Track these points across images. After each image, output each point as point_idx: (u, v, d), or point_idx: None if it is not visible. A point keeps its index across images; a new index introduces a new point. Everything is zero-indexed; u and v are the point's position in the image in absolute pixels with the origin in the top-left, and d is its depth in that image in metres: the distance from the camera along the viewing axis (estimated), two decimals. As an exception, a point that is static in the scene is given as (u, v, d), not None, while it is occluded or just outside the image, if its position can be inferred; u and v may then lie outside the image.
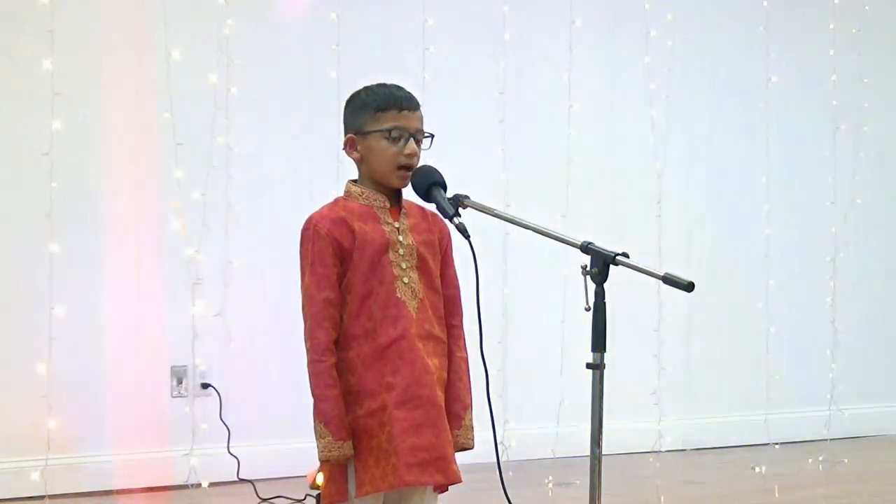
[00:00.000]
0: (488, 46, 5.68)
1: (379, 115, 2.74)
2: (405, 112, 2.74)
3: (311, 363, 2.69)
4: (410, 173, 2.73)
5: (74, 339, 4.89)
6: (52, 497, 4.77)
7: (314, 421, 2.68)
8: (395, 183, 2.75)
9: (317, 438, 2.67)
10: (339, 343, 2.72)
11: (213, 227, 5.09)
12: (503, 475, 2.79)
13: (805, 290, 6.47)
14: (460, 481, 2.74)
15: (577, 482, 5.23)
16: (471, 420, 2.81)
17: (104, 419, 4.99)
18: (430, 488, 2.79)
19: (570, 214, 5.55)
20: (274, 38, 5.38)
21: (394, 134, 2.73)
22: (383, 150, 2.73)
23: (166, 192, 5.01)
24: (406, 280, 2.75)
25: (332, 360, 2.69)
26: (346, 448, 2.67)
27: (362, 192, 2.78)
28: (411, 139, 2.74)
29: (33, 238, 4.82)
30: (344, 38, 5.29)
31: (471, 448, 2.81)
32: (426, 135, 2.78)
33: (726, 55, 6.38)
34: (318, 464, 2.80)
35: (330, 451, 2.66)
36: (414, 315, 2.73)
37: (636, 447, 5.87)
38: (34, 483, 4.75)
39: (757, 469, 5.70)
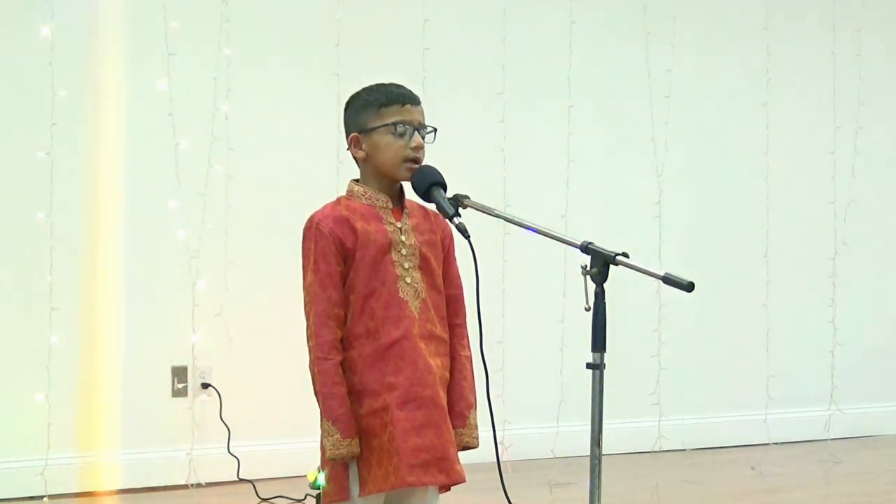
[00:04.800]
0: (488, 46, 5.68)
1: (382, 110, 2.75)
2: (408, 106, 2.76)
3: (317, 361, 2.69)
4: (417, 166, 2.74)
5: (74, 338, 4.89)
6: (52, 497, 4.77)
7: (322, 419, 2.68)
8: (402, 175, 2.76)
9: (324, 437, 2.67)
10: (342, 342, 2.72)
11: (213, 227, 5.09)
12: (503, 475, 2.79)
13: (805, 290, 6.47)
14: (464, 481, 2.75)
15: (577, 482, 5.23)
16: (475, 419, 2.82)
17: (104, 419, 5.00)
18: (431, 488, 2.79)
19: (570, 214, 5.55)
20: (274, 37, 5.38)
21: (399, 129, 2.74)
22: (389, 145, 2.74)
23: (166, 192, 5.01)
24: (408, 280, 2.75)
25: (339, 357, 2.70)
26: (354, 446, 2.68)
27: (365, 192, 2.79)
28: (416, 133, 2.75)
29: (33, 238, 4.82)
30: (344, 38, 5.29)
31: (475, 447, 2.81)
32: (429, 129, 2.79)
33: (726, 55, 6.37)
34: (318, 463, 2.80)
35: (338, 449, 2.66)
36: (416, 315, 2.74)
37: (636, 447, 5.87)
38: (34, 483, 4.75)
39: (757, 469, 5.70)
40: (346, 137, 2.82)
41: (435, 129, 2.80)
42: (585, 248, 2.50)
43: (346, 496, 2.71)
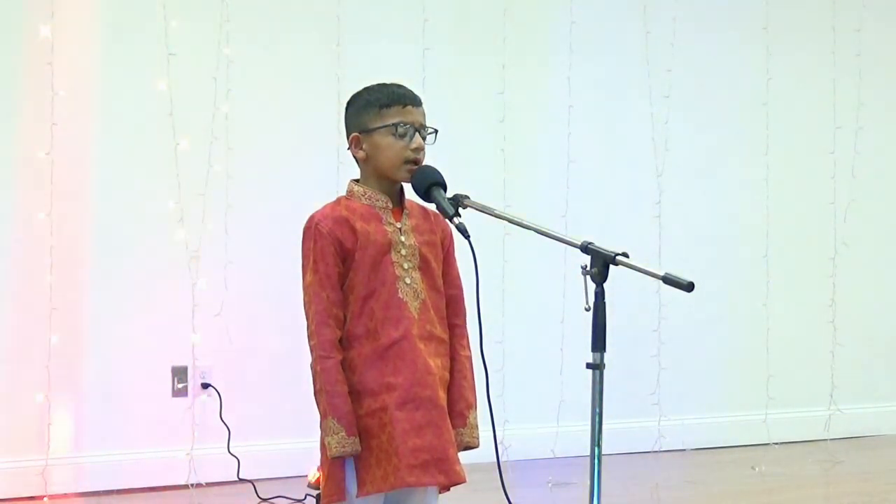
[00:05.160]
0: (488, 46, 5.68)
1: (383, 111, 2.75)
2: (409, 107, 2.76)
3: (319, 360, 2.69)
4: (416, 168, 2.74)
5: (75, 338, 4.89)
6: (52, 497, 4.77)
7: (325, 418, 2.67)
8: (401, 177, 2.76)
9: (328, 435, 2.66)
10: (341, 342, 2.72)
11: (213, 227, 5.09)
12: (503, 475, 2.79)
13: (805, 290, 6.47)
14: (464, 481, 2.75)
15: (577, 482, 5.24)
16: (475, 419, 2.82)
17: (104, 419, 5.00)
18: (431, 489, 2.79)
19: (570, 214, 5.55)
20: (274, 38, 5.38)
21: (400, 130, 2.74)
22: (390, 146, 2.74)
23: (166, 192, 5.01)
24: (408, 281, 2.75)
25: (340, 356, 2.70)
26: (357, 444, 2.68)
27: (365, 192, 2.79)
28: (417, 134, 2.75)
29: (33, 238, 4.82)
30: (344, 38, 5.29)
31: (476, 447, 2.81)
32: (430, 131, 2.79)
33: (726, 55, 6.37)
34: (318, 462, 2.80)
35: (344, 446, 2.66)
36: (416, 316, 2.74)
37: (636, 447, 5.87)
38: (34, 483, 4.75)
39: (757, 469, 5.70)
40: (347, 137, 2.82)
41: (436, 131, 2.80)
42: (585, 248, 2.50)
43: (344, 496, 2.71)
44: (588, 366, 2.49)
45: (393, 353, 2.70)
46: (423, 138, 2.77)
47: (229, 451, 5.14)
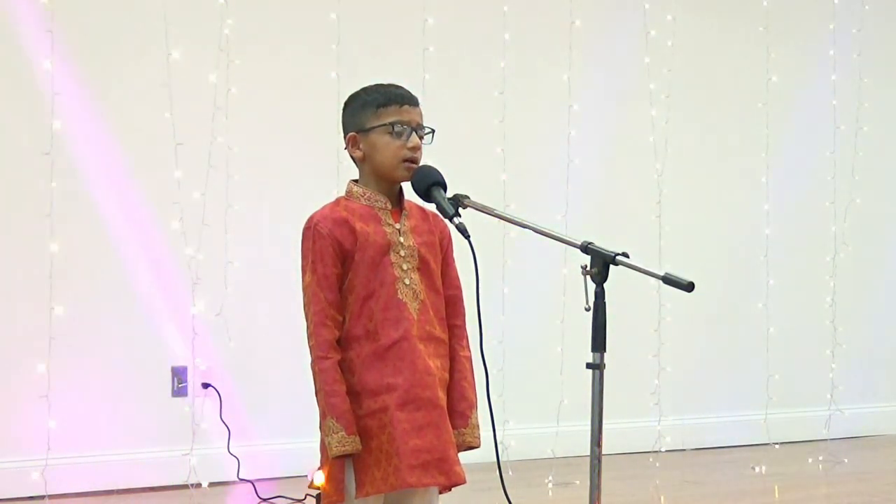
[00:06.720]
0: (488, 46, 5.68)
1: (381, 111, 2.75)
2: (406, 107, 2.76)
3: (317, 360, 2.69)
4: (415, 166, 2.74)
5: (74, 339, 4.89)
6: (52, 497, 4.77)
7: (324, 418, 2.67)
8: (400, 175, 2.76)
9: (328, 434, 2.66)
10: (340, 343, 2.72)
11: (213, 227, 5.09)
12: (503, 475, 2.79)
13: (805, 290, 6.47)
14: (464, 482, 2.75)
15: (577, 482, 5.24)
16: (477, 419, 2.82)
17: (104, 419, 5.00)
18: (432, 489, 2.79)
19: (570, 214, 5.54)
20: (274, 38, 5.38)
21: (397, 129, 2.74)
22: (387, 145, 2.74)
23: (166, 192, 5.00)
24: (407, 281, 2.75)
25: (338, 356, 2.70)
26: (358, 443, 2.68)
27: (364, 193, 2.79)
28: (413, 133, 2.75)
29: (33, 238, 4.82)
30: (344, 38, 5.29)
31: (477, 446, 2.81)
32: (427, 131, 2.79)
33: (726, 55, 6.37)
34: (318, 463, 2.80)
35: (344, 445, 2.66)
36: (415, 316, 2.74)
37: (636, 447, 5.87)
38: (34, 483, 4.75)
39: (757, 469, 5.70)
40: (344, 137, 2.82)
41: (433, 131, 2.80)
42: (585, 248, 2.50)
43: (344, 497, 2.71)
44: (588, 366, 2.49)
45: (392, 354, 2.70)
46: (421, 138, 2.77)
47: (229, 451, 5.14)
